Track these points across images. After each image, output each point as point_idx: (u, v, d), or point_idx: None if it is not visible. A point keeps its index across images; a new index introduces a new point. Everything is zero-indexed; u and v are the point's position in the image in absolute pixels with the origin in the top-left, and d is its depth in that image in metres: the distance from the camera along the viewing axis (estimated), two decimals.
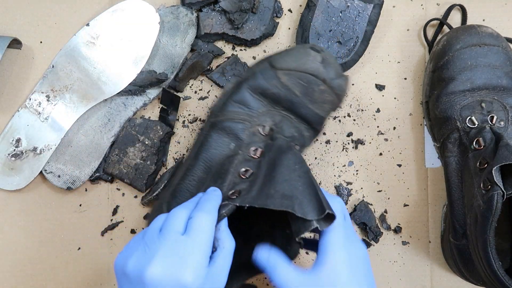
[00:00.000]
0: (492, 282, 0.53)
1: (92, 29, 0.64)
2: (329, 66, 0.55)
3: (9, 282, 0.65)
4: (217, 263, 0.43)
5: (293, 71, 0.54)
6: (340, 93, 0.57)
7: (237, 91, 0.56)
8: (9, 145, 0.63)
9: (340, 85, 0.56)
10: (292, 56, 0.55)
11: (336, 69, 0.56)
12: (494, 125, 0.57)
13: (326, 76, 0.55)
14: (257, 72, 0.56)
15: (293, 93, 0.54)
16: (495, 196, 0.51)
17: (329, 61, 0.55)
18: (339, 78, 0.56)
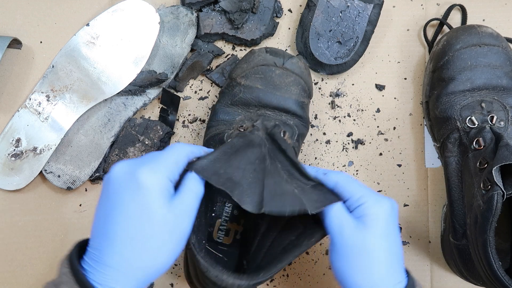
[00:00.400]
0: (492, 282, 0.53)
1: (92, 29, 0.64)
2: (275, 53, 0.59)
3: (9, 282, 0.65)
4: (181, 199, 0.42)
5: (246, 71, 0.59)
6: (298, 72, 0.59)
7: (215, 113, 0.60)
8: (9, 145, 0.63)
9: (293, 63, 0.58)
10: (242, 61, 0.60)
11: (284, 54, 0.59)
12: (494, 125, 0.57)
13: (276, 61, 0.58)
14: (223, 89, 0.61)
15: (256, 88, 0.58)
16: (495, 196, 0.51)
17: (275, 50, 0.59)
18: (289, 59, 0.59)
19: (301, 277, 0.66)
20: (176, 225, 0.42)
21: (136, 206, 0.40)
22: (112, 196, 0.41)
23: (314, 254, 0.66)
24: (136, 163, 0.42)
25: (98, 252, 0.41)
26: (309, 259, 0.66)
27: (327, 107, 0.67)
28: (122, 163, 0.42)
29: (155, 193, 0.41)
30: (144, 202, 0.40)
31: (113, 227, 0.41)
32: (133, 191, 0.41)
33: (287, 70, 0.58)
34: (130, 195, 0.41)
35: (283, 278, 0.65)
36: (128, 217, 0.40)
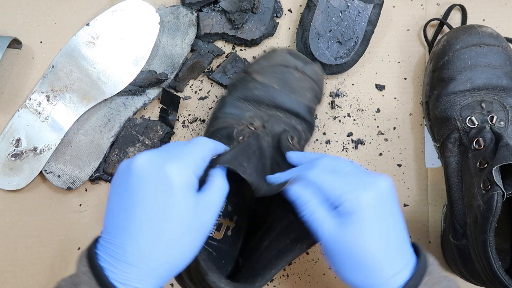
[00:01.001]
0: (492, 282, 0.53)
1: (92, 29, 0.64)
2: (297, 56, 0.58)
3: (9, 282, 0.65)
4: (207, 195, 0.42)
5: (264, 68, 0.58)
6: (315, 79, 0.58)
7: (224, 104, 0.58)
8: (9, 145, 0.63)
9: (313, 69, 0.58)
10: (261, 58, 0.59)
11: (304, 59, 0.59)
12: (494, 125, 0.57)
13: (297, 64, 0.57)
14: (235, 82, 0.59)
15: (272, 87, 0.56)
16: (495, 196, 0.51)
17: (297, 53, 0.59)
18: (309, 64, 0.58)
19: (301, 277, 0.66)
20: (201, 222, 0.41)
21: (163, 201, 0.39)
22: (136, 189, 0.40)
23: (314, 254, 0.66)
24: (163, 156, 0.41)
25: (118, 248, 0.39)
26: (309, 259, 0.66)
27: (327, 107, 0.67)
28: (147, 154, 0.41)
29: (183, 190, 0.40)
30: (171, 198, 0.39)
31: (135, 222, 0.39)
32: (161, 186, 0.39)
33: (305, 75, 0.58)
34: (157, 190, 0.39)
35: (283, 278, 0.65)
36: (154, 213, 0.39)
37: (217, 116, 0.58)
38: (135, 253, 0.39)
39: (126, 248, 0.39)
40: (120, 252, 0.39)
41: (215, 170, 0.44)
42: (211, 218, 0.42)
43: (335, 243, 0.42)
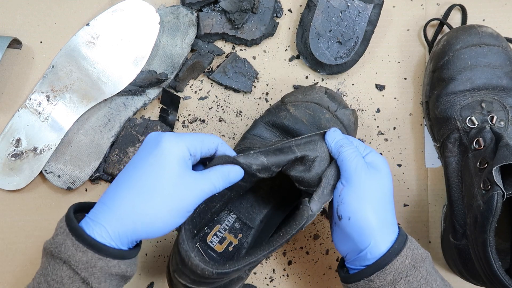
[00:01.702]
0: (492, 282, 0.53)
1: (92, 29, 0.64)
2: (333, 98, 0.60)
3: (9, 282, 0.65)
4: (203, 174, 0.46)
5: (299, 102, 0.60)
6: (346, 124, 0.59)
7: (254, 126, 0.61)
8: (9, 145, 0.63)
9: (345, 114, 0.59)
10: (300, 91, 0.61)
11: (341, 101, 0.60)
12: (494, 125, 0.57)
13: (330, 105, 0.59)
14: (271, 108, 0.62)
15: (301, 121, 0.59)
16: (495, 196, 0.51)
17: (334, 95, 0.61)
18: (344, 108, 0.60)
19: (301, 277, 0.66)
20: (179, 196, 0.44)
21: (149, 163, 0.44)
22: (135, 156, 0.45)
23: (314, 254, 0.66)
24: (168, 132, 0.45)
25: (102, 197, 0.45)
26: (309, 259, 0.66)
27: None
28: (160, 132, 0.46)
29: (171, 156, 0.43)
30: (158, 161, 0.43)
31: (122, 176, 0.45)
32: (152, 150, 0.44)
33: (336, 118, 0.59)
34: (148, 152, 0.44)
35: (283, 278, 0.65)
36: (139, 168, 0.44)
37: (245, 137, 0.61)
38: (110, 196, 0.44)
39: (106, 194, 0.45)
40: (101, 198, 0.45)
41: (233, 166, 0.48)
42: (192, 198, 0.44)
43: (366, 180, 0.48)
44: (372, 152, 0.51)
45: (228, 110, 0.67)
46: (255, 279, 0.65)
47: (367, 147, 0.52)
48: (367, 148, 0.52)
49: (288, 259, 0.66)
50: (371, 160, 0.50)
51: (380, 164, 0.50)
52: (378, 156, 0.51)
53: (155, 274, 0.65)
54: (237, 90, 0.67)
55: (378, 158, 0.50)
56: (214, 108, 0.67)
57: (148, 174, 0.43)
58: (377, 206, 0.48)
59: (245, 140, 0.60)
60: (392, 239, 0.48)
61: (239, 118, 0.67)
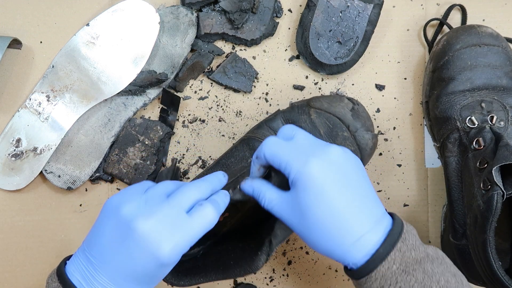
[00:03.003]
0: (492, 282, 0.53)
1: (92, 29, 0.64)
2: (358, 117, 0.58)
3: (9, 282, 0.65)
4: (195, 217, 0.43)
5: (323, 111, 0.58)
6: (363, 147, 0.57)
7: (273, 118, 0.60)
8: (9, 145, 0.63)
9: (364, 138, 0.57)
10: (327, 99, 0.59)
11: (365, 122, 0.58)
12: (494, 125, 0.57)
13: (351, 124, 0.57)
14: (295, 106, 0.60)
15: (318, 131, 0.57)
16: (495, 196, 0.51)
17: (360, 114, 0.58)
18: (365, 131, 0.57)
19: (301, 277, 0.66)
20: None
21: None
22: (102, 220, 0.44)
23: (314, 254, 0.66)
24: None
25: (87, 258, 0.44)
26: (309, 259, 0.66)
27: None
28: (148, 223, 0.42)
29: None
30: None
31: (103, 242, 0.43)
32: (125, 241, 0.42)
33: (353, 138, 0.57)
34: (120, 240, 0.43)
35: (283, 278, 0.65)
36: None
37: (261, 126, 0.60)
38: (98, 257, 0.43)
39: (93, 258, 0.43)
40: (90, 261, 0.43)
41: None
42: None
43: (293, 215, 0.43)
44: (291, 170, 0.43)
45: (228, 110, 0.67)
46: (255, 279, 0.65)
47: (287, 165, 0.44)
48: (287, 166, 0.44)
49: (288, 259, 0.66)
50: (293, 181, 0.43)
51: (302, 179, 0.43)
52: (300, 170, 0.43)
53: None
54: (237, 90, 0.67)
55: (298, 177, 0.43)
56: (214, 108, 0.67)
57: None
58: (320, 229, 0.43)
59: (259, 130, 0.59)
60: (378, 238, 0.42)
61: (239, 118, 0.67)
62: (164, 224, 0.42)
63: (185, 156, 0.66)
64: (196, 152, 0.67)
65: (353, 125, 0.57)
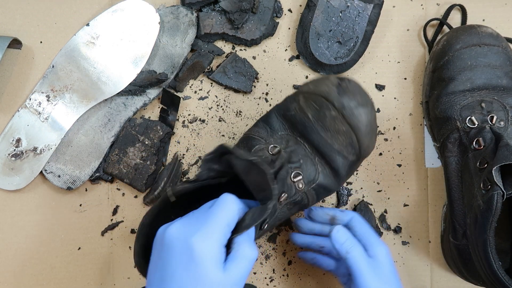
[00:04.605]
0: (492, 282, 0.53)
1: (92, 29, 0.64)
2: (345, 92, 0.51)
3: (9, 282, 0.65)
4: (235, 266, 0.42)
5: (309, 93, 0.53)
6: (354, 126, 0.51)
7: (268, 114, 0.56)
8: (9, 145, 0.63)
9: (354, 115, 0.50)
10: (314, 81, 0.54)
11: (354, 97, 0.51)
12: (494, 125, 0.57)
13: (337, 100, 0.50)
14: (287, 97, 0.56)
15: (306, 116, 0.52)
16: (495, 196, 0.51)
17: (347, 88, 0.51)
18: (354, 107, 0.50)
19: (301, 277, 0.66)
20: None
21: (191, 275, 0.40)
22: (167, 263, 0.41)
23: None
24: (189, 228, 0.42)
25: None
26: None
27: None
28: (174, 227, 0.42)
29: (209, 262, 0.40)
30: (198, 272, 0.40)
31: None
32: (187, 260, 0.40)
33: (342, 117, 0.51)
34: (184, 264, 0.40)
35: (283, 278, 0.65)
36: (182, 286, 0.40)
37: (257, 124, 0.56)
38: None
39: None
40: None
41: (240, 239, 0.43)
42: (240, 286, 0.42)
43: (366, 274, 0.52)
44: (374, 244, 0.54)
45: (228, 110, 0.67)
46: (255, 279, 0.65)
47: (370, 236, 0.54)
48: (370, 237, 0.54)
49: (288, 259, 0.66)
50: (374, 255, 0.53)
51: (382, 257, 0.53)
52: (380, 248, 0.53)
53: None
54: (237, 90, 0.67)
55: (380, 251, 0.53)
56: (214, 108, 0.67)
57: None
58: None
59: (255, 127, 0.56)
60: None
61: (239, 118, 0.67)
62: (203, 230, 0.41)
63: (185, 156, 0.66)
64: (196, 152, 0.67)
65: (338, 101, 0.50)
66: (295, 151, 0.53)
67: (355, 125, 0.50)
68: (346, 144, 0.52)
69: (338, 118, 0.50)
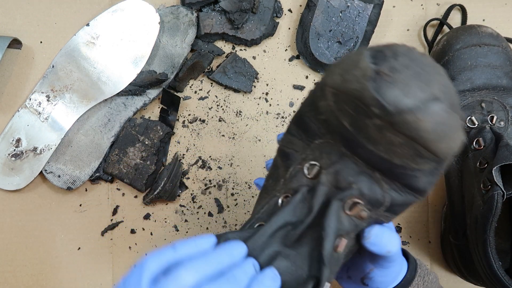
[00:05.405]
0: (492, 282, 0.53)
1: (92, 29, 0.64)
2: (389, 87, 0.31)
3: (9, 282, 0.65)
4: None
5: (338, 90, 0.34)
6: (414, 136, 0.32)
7: (299, 113, 0.39)
8: (9, 145, 0.63)
9: (407, 123, 0.31)
10: (340, 66, 0.34)
11: (404, 93, 0.31)
12: (494, 125, 0.57)
13: (377, 105, 0.31)
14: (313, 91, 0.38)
15: (342, 124, 0.35)
16: (495, 196, 0.51)
17: (393, 77, 0.31)
18: (407, 110, 0.31)
19: None
20: None
21: None
22: None
23: None
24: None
25: None
26: None
27: None
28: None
29: None
30: None
31: None
32: None
33: (391, 127, 0.32)
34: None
35: None
36: None
37: (289, 130, 0.40)
38: None
39: None
40: None
41: None
42: None
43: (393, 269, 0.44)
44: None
45: (228, 110, 0.67)
46: None
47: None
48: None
49: None
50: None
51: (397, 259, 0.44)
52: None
53: None
54: (237, 90, 0.67)
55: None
56: (214, 108, 0.67)
57: None
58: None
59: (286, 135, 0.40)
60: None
61: (239, 118, 0.67)
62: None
63: (185, 156, 0.66)
64: (196, 152, 0.67)
65: (378, 105, 0.31)
66: (343, 171, 0.36)
67: (415, 136, 0.32)
68: (410, 155, 0.34)
69: (386, 128, 0.32)
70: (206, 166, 0.66)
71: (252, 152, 0.67)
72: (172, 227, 0.66)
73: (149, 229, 0.66)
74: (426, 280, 0.45)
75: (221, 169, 0.66)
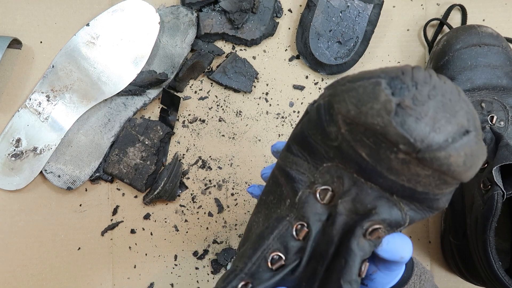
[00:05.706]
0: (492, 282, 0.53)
1: (92, 29, 0.64)
2: (412, 119, 0.30)
3: (9, 282, 0.65)
4: None
5: (353, 120, 0.32)
6: (444, 171, 0.31)
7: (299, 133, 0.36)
8: (9, 145, 0.63)
9: (437, 159, 0.30)
10: (354, 95, 0.32)
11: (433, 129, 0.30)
12: (494, 125, 0.57)
13: (403, 142, 0.30)
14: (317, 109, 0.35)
15: (358, 154, 0.33)
16: (495, 196, 0.51)
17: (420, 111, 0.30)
18: (436, 148, 0.30)
19: None
20: None
21: None
22: None
23: None
24: None
25: None
26: None
27: None
28: None
29: None
30: None
31: None
32: None
33: (419, 162, 0.31)
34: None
35: None
36: None
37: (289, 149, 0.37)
38: None
39: None
40: None
41: None
42: None
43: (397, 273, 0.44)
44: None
45: (228, 110, 0.67)
46: None
47: None
48: None
49: None
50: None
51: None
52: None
53: (155, 274, 0.65)
54: (237, 90, 0.67)
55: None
56: (214, 108, 0.67)
57: None
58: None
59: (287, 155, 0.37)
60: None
61: (239, 118, 0.67)
62: None
63: (185, 156, 0.66)
64: (196, 152, 0.67)
65: (405, 142, 0.30)
66: (360, 196, 0.35)
67: (445, 170, 0.31)
68: (436, 184, 0.33)
69: (412, 162, 0.31)
70: (206, 166, 0.66)
71: (252, 152, 0.67)
72: (172, 227, 0.66)
73: (149, 229, 0.66)
74: (423, 279, 0.45)
75: (221, 169, 0.66)
